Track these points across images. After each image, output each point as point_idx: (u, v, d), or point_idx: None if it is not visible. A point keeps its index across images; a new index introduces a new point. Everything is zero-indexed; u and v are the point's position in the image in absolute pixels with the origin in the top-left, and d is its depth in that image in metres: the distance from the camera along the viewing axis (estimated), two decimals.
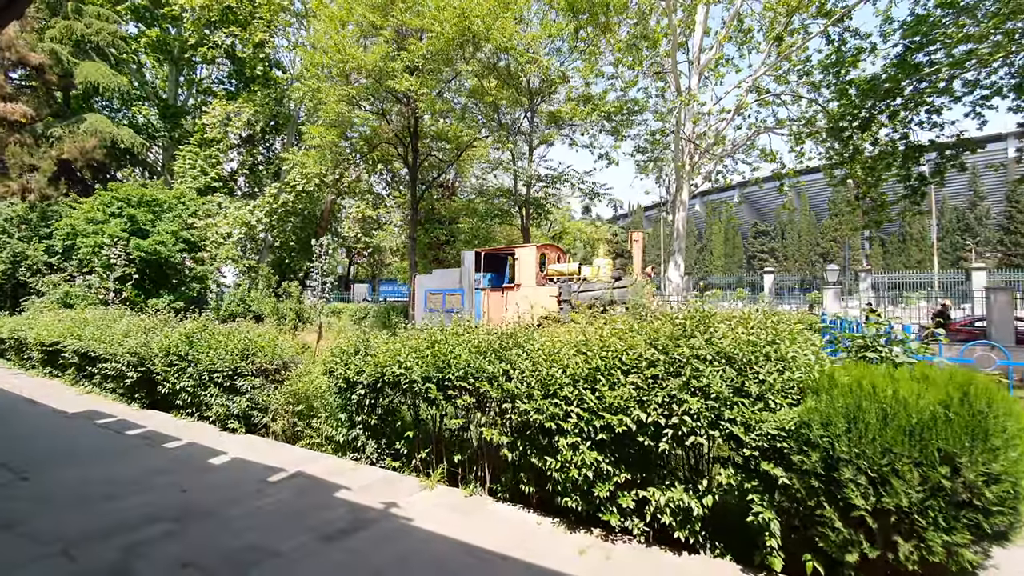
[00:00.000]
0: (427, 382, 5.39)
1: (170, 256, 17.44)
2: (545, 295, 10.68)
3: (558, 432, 4.42)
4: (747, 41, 18.62)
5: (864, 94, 16.37)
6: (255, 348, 7.64)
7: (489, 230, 20.26)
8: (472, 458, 5.55)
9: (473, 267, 11.39)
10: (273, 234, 24.47)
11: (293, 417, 7.20)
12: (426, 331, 6.11)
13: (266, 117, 24.81)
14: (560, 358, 4.64)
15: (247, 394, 7.46)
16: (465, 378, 5.18)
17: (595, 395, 4.32)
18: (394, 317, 16.14)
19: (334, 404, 6.81)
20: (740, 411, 3.74)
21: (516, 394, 4.70)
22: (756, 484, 3.73)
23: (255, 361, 7.47)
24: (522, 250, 11.30)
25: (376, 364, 5.88)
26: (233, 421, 7.58)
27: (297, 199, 23.52)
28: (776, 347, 3.94)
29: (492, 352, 5.21)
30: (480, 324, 6.19)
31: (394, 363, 5.69)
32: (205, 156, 23.99)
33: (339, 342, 6.61)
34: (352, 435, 6.28)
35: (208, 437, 7.40)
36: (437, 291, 12.00)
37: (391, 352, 5.84)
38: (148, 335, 9.42)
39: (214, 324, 8.94)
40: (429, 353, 5.51)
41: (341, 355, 6.33)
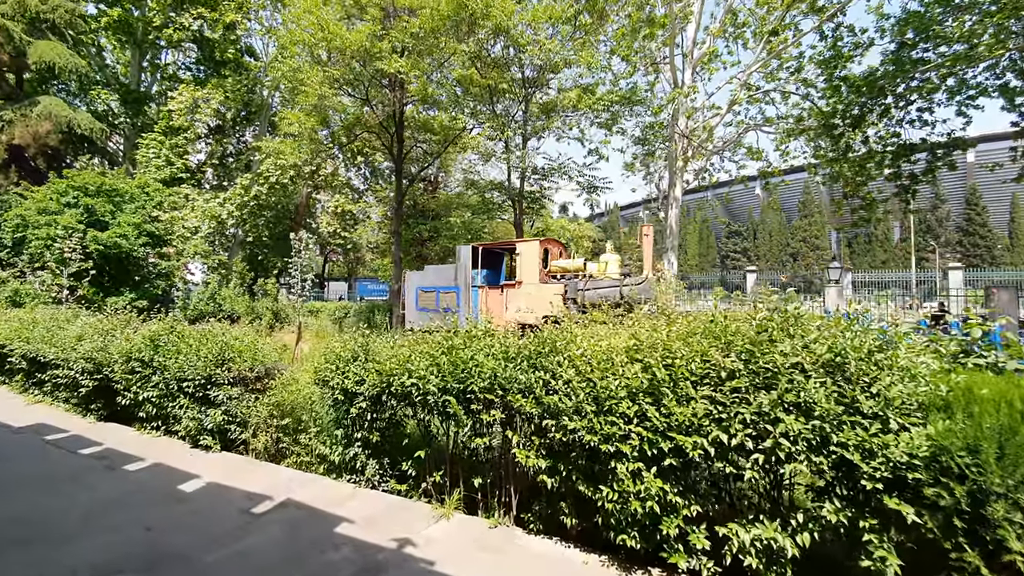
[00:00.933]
0: (445, 394, 4.58)
1: (132, 250, 16.09)
2: (549, 293, 9.94)
3: (615, 456, 3.67)
4: (740, 36, 18.24)
5: (856, 91, 16.11)
6: (232, 353, 6.68)
7: (479, 225, 19.35)
8: (494, 481, 4.76)
9: (470, 263, 10.58)
10: (245, 229, 23.09)
11: (277, 432, 6.28)
12: (438, 333, 5.29)
13: (237, 105, 23.39)
14: (614, 367, 3.89)
15: (223, 406, 6.50)
16: (492, 390, 4.39)
17: (661, 412, 3.59)
18: (378, 316, 15.19)
19: (327, 418, 5.92)
20: (853, 433, 3.05)
21: (560, 409, 3.93)
22: (874, 522, 3.04)
23: (232, 368, 6.51)
24: (524, 245, 10.53)
25: (380, 373, 5.04)
26: (206, 437, 6.61)
27: (271, 192, 22.20)
28: (891, 353, 3.26)
29: (524, 359, 4.43)
30: (488, 324, 5.39)
31: (403, 372, 4.86)
32: (171, 145, 22.45)
33: (332, 346, 5.72)
34: (350, 454, 5.42)
35: (177, 456, 6.42)
36: (430, 289, 11.14)
37: (399, 359, 5.01)
38: (106, 338, 8.32)
39: (183, 325, 7.91)
40: (446, 360, 4.69)
41: (337, 362, 5.46)
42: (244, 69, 24.69)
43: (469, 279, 10.53)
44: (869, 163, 17.10)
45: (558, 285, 9.95)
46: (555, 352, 4.30)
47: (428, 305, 11.12)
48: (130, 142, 25.80)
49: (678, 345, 3.75)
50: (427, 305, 11.14)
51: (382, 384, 5.02)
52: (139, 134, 24.66)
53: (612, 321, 5.15)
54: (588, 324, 5.04)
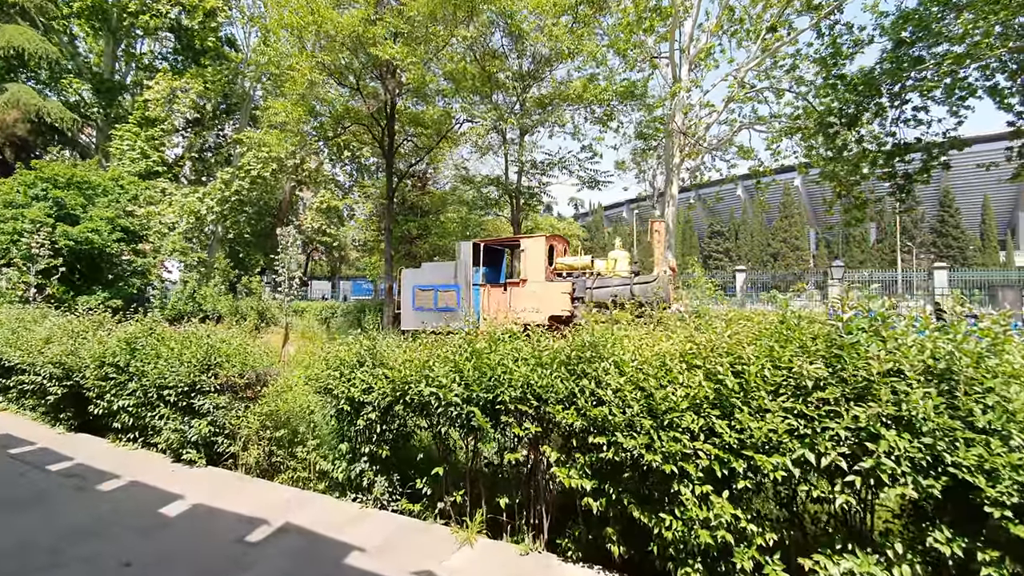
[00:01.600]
0: (469, 404, 4.05)
1: (105, 246, 15.17)
2: (556, 291, 9.44)
3: (678, 477, 3.19)
4: (736, 33, 17.97)
5: (852, 89, 15.96)
6: (219, 357, 6.05)
7: (476, 222, 18.71)
8: (522, 501, 4.25)
9: (471, 260, 10.04)
10: (225, 225, 22.12)
11: (270, 445, 5.68)
12: (457, 335, 4.76)
13: (217, 96, 22.42)
14: (671, 374, 3.41)
15: (209, 416, 5.87)
16: (524, 400, 3.88)
17: (732, 427, 3.12)
18: (369, 316, 14.50)
19: (327, 430, 5.35)
20: (971, 452, 2.61)
21: (611, 423, 3.43)
22: (995, 554, 2.61)
23: (220, 374, 5.88)
24: (529, 241, 10.01)
25: (393, 380, 4.49)
26: (190, 450, 5.96)
27: (253, 187, 21.31)
28: (1004, 358, 2.83)
29: (561, 365, 3.92)
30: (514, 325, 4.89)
31: (420, 379, 4.32)
32: (146, 137, 21.40)
33: (336, 350, 5.15)
34: (355, 471, 4.85)
35: (158, 472, 5.77)
36: (427, 287, 10.56)
37: (415, 364, 4.46)
38: (77, 340, 7.59)
39: (163, 327, 7.24)
40: (471, 366, 4.16)
41: (340, 367, 4.89)
42: (224, 59, 23.69)
43: (470, 277, 9.99)
44: (864, 162, 16.97)
45: (565, 283, 9.46)
46: (599, 357, 3.80)
47: (425, 304, 10.54)
48: (103, 134, 24.58)
49: (748, 350, 3.28)
50: (424, 304, 10.56)
51: (395, 393, 4.47)
52: (113, 126, 23.50)
53: (635, 322, 4.68)
54: (607, 325, 4.57)
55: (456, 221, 20.24)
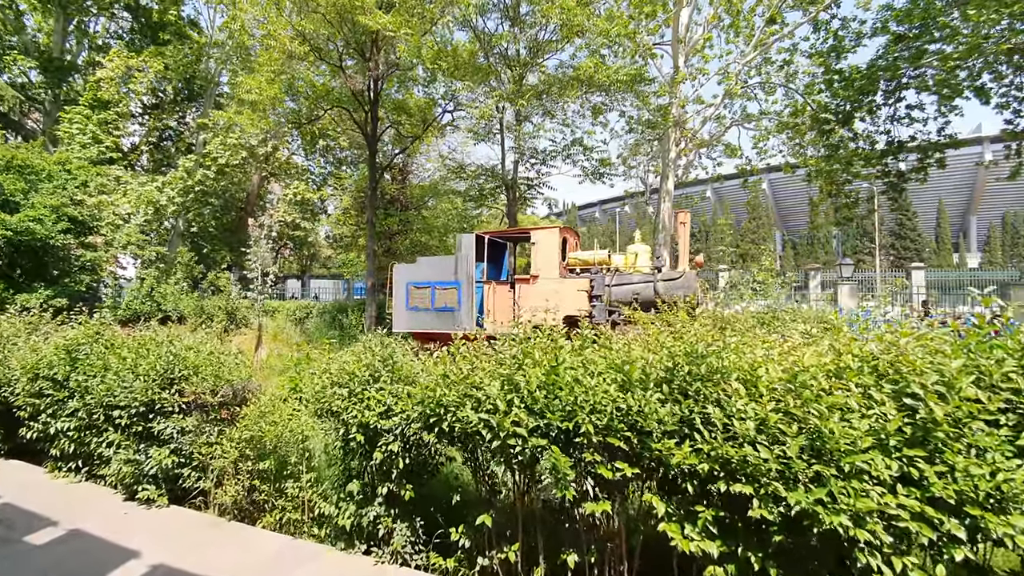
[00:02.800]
0: (538, 436, 3.03)
1: (49, 238, 13.47)
2: (572, 289, 8.48)
3: (870, 549, 2.25)
4: (735, 25, 17.38)
5: (849, 85, 15.59)
6: (185, 369, 4.86)
7: (472, 215, 17.51)
8: (600, 559, 3.26)
9: (473, 254, 8.99)
10: (187, 218, 20.37)
11: (252, 479, 4.53)
12: (501, 340, 3.74)
13: (179, 78, 20.62)
14: (831, 399, 2.47)
15: (172, 443, 4.68)
16: (613, 430, 2.89)
17: (941, 473, 2.20)
18: (352, 317, 13.26)
19: (327, 460, 4.26)
20: None
21: (753, 468, 2.46)
22: None
23: (186, 390, 4.70)
24: (541, 233, 9.01)
25: (423, 401, 3.43)
26: (148, 486, 4.76)
27: (219, 176, 19.68)
28: None
29: (662, 383, 2.95)
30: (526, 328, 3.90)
31: (462, 400, 3.28)
32: (98, 120, 19.47)
33: (344, 362, 4.06)
34: (368, 516, 3.78)
35: (106, 515, 4.56)
36: (423, 284, 9.45)
37: (454, 380, 3.41)
38: (5, 347, 6.24)
39: (113, 330, 5.96)
40: (537, 383, 3.14)
41: (350, 383, 3.80)
42: (187, 39, 21.87)
43: (472, 273, 8.94)
44: (858, 160, 16.65)
45: (582, 280, 8.51)
46: (715, 372, 2.84)
47: (421, 304, 9.43)
48: (51, 118, 22.43)
49: (954, 364, 2.36)
50: (420, 304, 9.46)
51: (425, 418, 3.42)
52: (62, 108, 21.42)
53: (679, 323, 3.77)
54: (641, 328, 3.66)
55: (441, 215, 19.07)
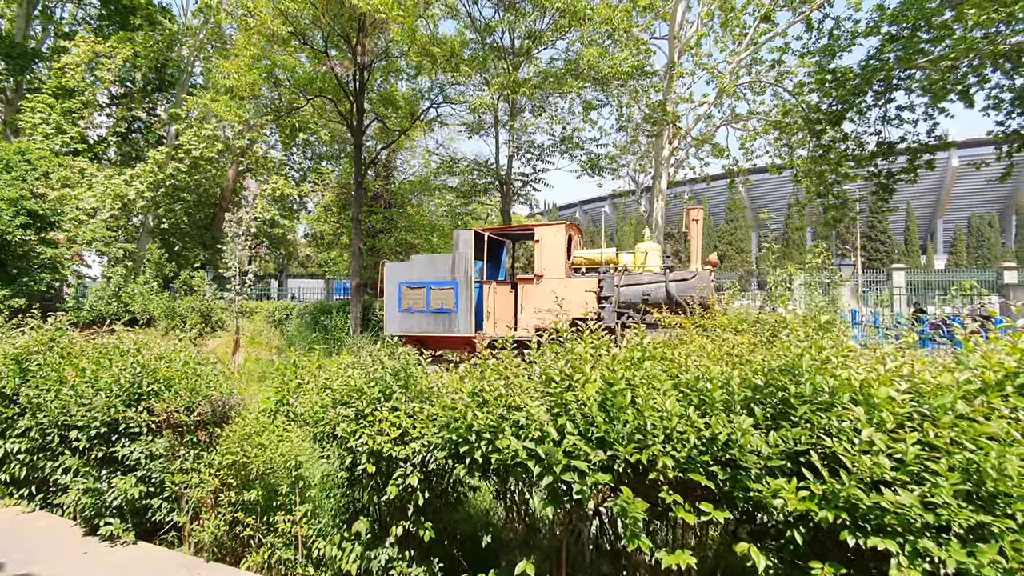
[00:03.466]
0: (601, 472, 2.47)
1: (6, 233, 12.43)
2: (579, 290, 7.94)
3: None
4: (726, 23, 17.14)
5: (841, 84, 15.47)
6: (155, 383, 4.18)
7: (466, 211, 16.79)
8: None
9: (471, 252, 8.38)
10: (158, 213, 19.24)
11: (235, 511, 3.88)
12: (536, 349, 3.18)
13: (149, 65, 19.48)
14: (986, 424, 1.97)
15: (140, 469, 4.00)
16: (694, 464, 2.35)
17: None
18: (337, 319, 12.49)
19: (327, 486, 3.63)
20: None
21: (899, 520, 1.94)
22: None
23: (157, 407, 4.02)
24: (546, 229, 8.44)
25: (449, 424, 2.85)
26: (111, 519, 4.07)
27: (192, 170, 18.63)
28: None
29: (749, 403, 2.42)
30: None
31: (499, 424, 2.70)
32: (62, 110, 18.26)
33: (347, 376, 3.44)
34: (379, 559, 3.17)
35: (63, 554, 3.86)
36: (418, 284, 8.80)
37: (488, 397, 2.83)
38: None
39: (70, 336, 5.22)
40: (596, 403, 2.58)
41: (357, 401, 3.19)
42: (158, 25, 20.73)
43: (471, 272, 8.33)
44: (847, 161, 16.58)
45: (590, 280, 7.98)
46: (822, 391, 2.31)
47: (415, 305, 8.79)
48: (12, 106, 21.06)
49: None
50: (414, 305, 8.81)
51: (453, 446, 2.84)
52: (24, 97, 20.10)
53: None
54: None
55: (428, 213, 18.39)
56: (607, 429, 2.51)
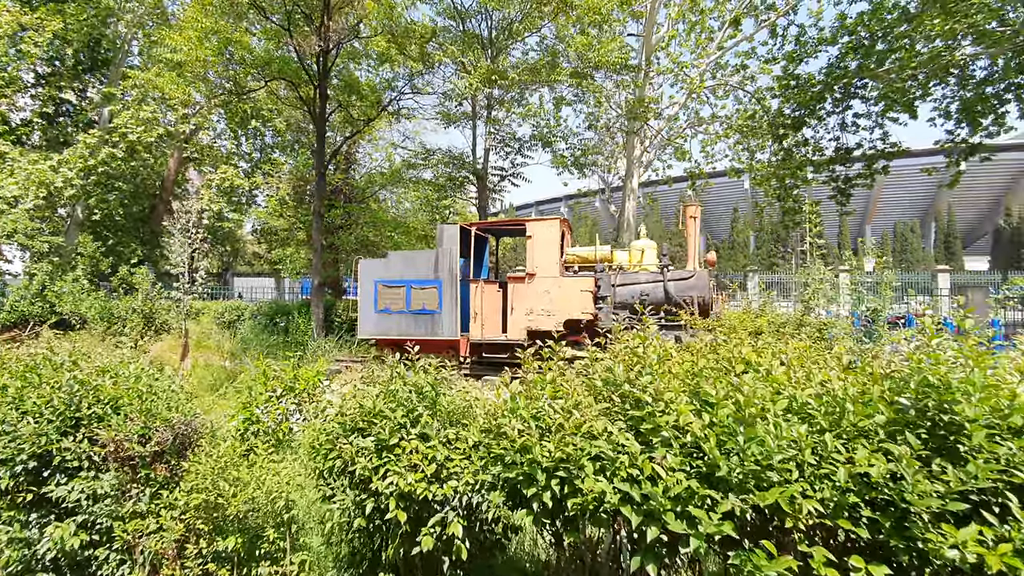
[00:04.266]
0: (719, 516, 1.94)
1: None
2: (575, 290, 7.41)
3: None
4: (693, 26, 17.16)
5: (805, 90, 15.81)
6: (98, 405, 3.35)
7: (444, 206, 15.79)
8: None
9: (457, 248, 7.72)
10: (89, 204, 17.37)
11: (206, 562, 3.12)
12: (591, 354, 2.63)
13: (81, 41, 17.57)
14: None
15: (81, 513, 3.17)
16: (839, 507, 1.86)
17: None
18: (300, 320, 11.41)
19: (329, 528, 2.95)
20: None
21: None
22: None
23: (102, 435, 3.20)
24: (539, 225, 7.84)
25: (508, 459, 2.25)
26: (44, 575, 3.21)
27: (128, 156, 16.96)
28: None
29: (893, 429, 1.95)
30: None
31: (576, 457, 2.13)
32: None
33: (357, 396, 2.78)
34: None
35: None
36: (396, 283, 8.04)
37: (548, 418, 2.24)
38: None
39: None
40: (699, 429, 2.05)
41: (378, 428, 2.53)
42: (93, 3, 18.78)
43: (456, 270, 7.67)
44: (807, 166, 16.98)
45: (585, 279, 7.48)
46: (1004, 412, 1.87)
47: (393, 305, 8.03)
48: None
49: None
50: (392, 305, 8.05)
51: (508, 485, 2.24)
52: None
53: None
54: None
55: (391, 210, 17.43)
56: (724, 464, 1.98)
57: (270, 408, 4.53)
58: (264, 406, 4.49)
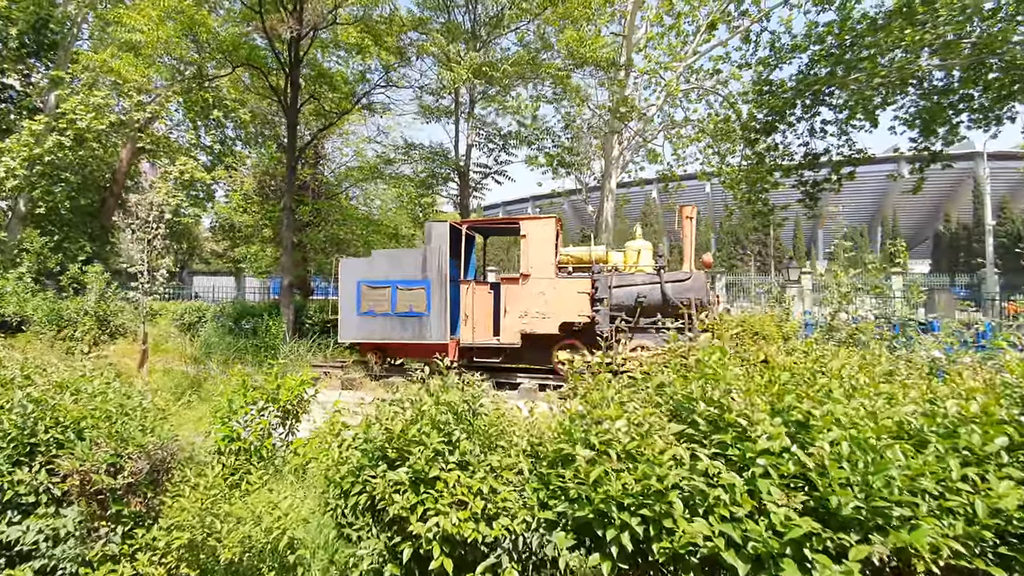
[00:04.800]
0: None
1: None
2: (571, 292, 7.07)
3: None
4: (669, 29, 17.20)
5: (777, 96, 16.13)
6: (59, 425, 2.85)
7: (427, 203, 15.06)
8: None
9: (447, 248, 7.29)
10: (34, 195, 16.01)
11: None
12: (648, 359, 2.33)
13: (27, 21, 16.18)
14: None
15: (39, 557, 2.66)
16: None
17: None
18: (271, 323, 10.64)
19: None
20: None
21: None
22: None
23: (63, 465, 2.70)
24: (534, 224, 7.45)
25: (576, 491, 1.92)
26: None
27: (76, 146, 15.72)
28: None
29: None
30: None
31: (652, 490, 1.81)
32: None
33: (379, 412, 2.39)
34: None
35: None
36: (380, 284, 7.54)
37: (616, 444, 1.92)
38: None
39: None
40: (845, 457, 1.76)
41: (416, 455, 2.15)
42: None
43: (445, 270, 7.24)
44: (777, 171, 17.32)
45: (582, 280, 7.18)
46: None
47: (378, 307, 7.53)
48: None
49: None
50: (376, 307, 7.55)
51: (577, 523, 1.92)
52: None
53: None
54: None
55: (366, 206, 16.77)
56: (837, 499, 1.70)
57: (251, 422, 4.09)
58: (244, 419, 4.05)
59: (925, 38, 13.40)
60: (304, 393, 4.42)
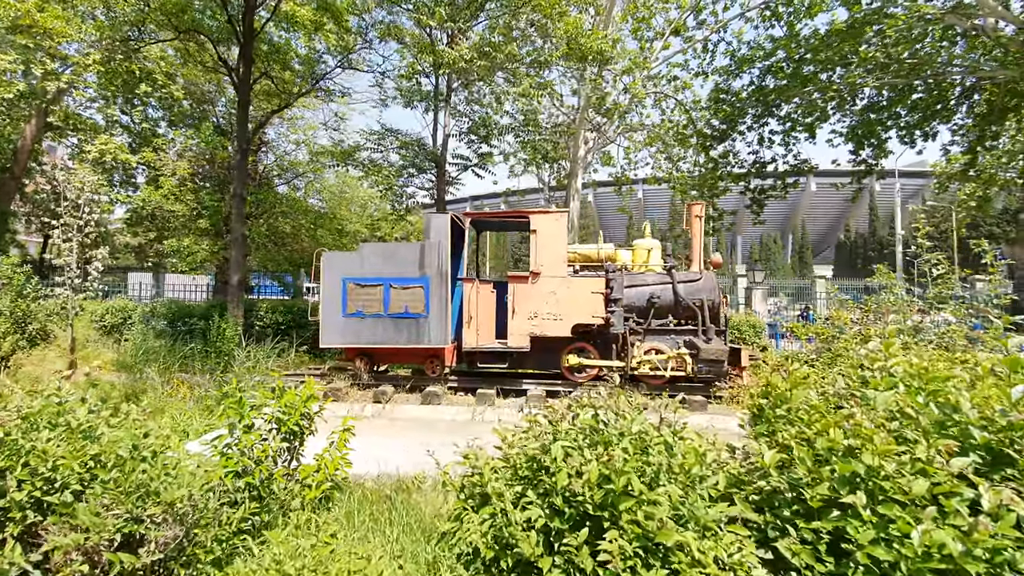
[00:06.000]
0: None
1: None
2: (585, 291, 6.55)
3: None
4: (639, 29, 17.30)
5: (733, 104, 16.76)
6: (35, 477, 2.00)
7: (393, 195, 13.74)
8: None
9: (448, 242, 6.56)
10: None
11: None
12: None
13: None
14: None
15: None
16: None
17: None
18: (227, 326, 9.22)
19: None
20: None
21: None
22: None
23: (52, 538, 1.87)
24: (544, 218, 6.82)
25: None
26: None
27: None
28: None
29: None
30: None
31: None
32: None
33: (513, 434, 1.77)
34: None
35: None
36: (371, 281, 6.67)
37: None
38: None
39: None
40: None
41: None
42: None
43: (446, 267, 6.52)
44: (727, 177, 17.96)
45: (597, 279, 6.69)
46: None
47: (368, 308, 6.66)
48: None
49: None
50: (366, 308, 6.67)
51: None
52: None
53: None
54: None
55: (316, 194, 15.47)
56: None
57: (249, 448, 3.36)
58: (248, 448, 3.32)
59: (877, 56, 14.09)
60: (310, 409, 3.76)
